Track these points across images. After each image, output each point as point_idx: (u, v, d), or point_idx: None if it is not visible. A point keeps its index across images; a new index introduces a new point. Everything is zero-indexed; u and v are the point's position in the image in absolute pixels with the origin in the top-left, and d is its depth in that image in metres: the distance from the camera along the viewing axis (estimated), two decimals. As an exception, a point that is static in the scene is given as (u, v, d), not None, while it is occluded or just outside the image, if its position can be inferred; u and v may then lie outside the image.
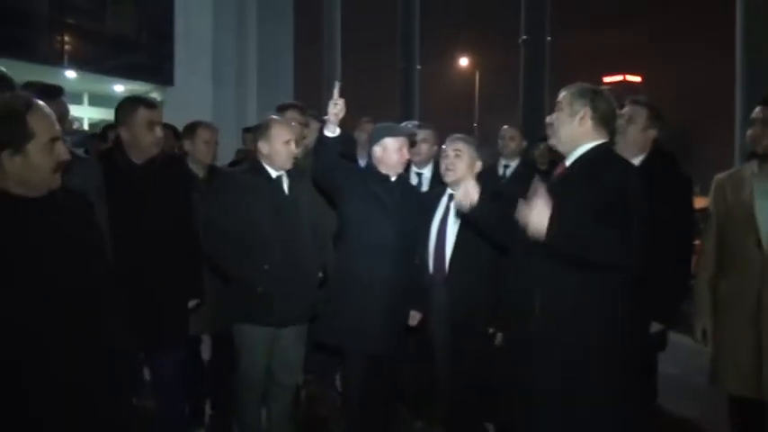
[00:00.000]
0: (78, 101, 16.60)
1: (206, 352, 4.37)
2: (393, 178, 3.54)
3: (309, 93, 18.31)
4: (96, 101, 17.90)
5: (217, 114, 13.53)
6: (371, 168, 3.57)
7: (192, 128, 4.21)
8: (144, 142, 3.29)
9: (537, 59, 14.63)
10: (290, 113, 4.08)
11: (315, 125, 4.07)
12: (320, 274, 3.67)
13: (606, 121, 2.63)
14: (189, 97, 15.50)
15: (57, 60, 15.47)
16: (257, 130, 3.56)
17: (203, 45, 16.37)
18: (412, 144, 3.70)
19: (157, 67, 17.45)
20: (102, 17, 17.11)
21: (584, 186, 2.47)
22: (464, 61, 37.61)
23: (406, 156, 3.55)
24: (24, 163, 1.86)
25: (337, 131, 3.34)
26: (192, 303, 3.53)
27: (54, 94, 2.90)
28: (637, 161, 3.37)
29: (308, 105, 4.51)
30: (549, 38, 14.70)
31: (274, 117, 3.59)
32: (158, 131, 3.34)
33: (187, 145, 4.19)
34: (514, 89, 15.40)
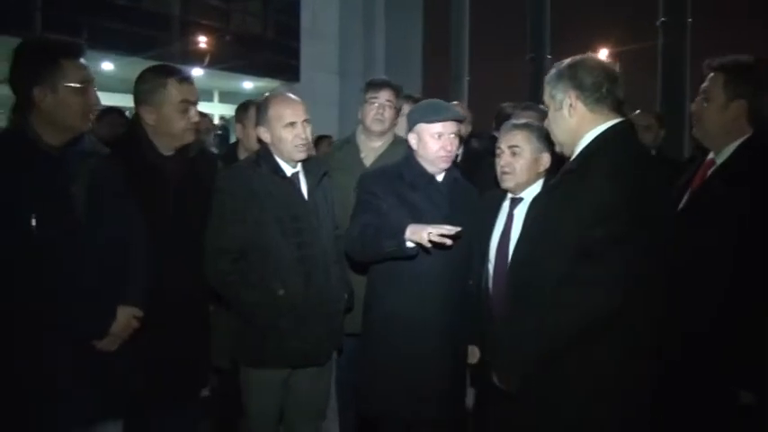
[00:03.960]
0: (209, 98, 17.09)
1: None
2: (439, 177, 2.69)
3: (438, 86, 17.80)
4: (225, 98, 18.49)
5: (344, 109, 13.31)
6: (409, 166, 2.68)
7: (244, 108, 3.43)
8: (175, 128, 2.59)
9: (677, 43, 13.26)
10: (384, 93, 3.27)
11: (407, 109, 3.23)
12: (345, 296, 2.87)
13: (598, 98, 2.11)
14: (315, 93, 15.42)
15: (186, 59, 15.97)
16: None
17: (329, 40, 16.22)
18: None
19: (284, 64, 17.69)
20: (227, 16, 17.61)
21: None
22: (604, 52, 35.67)
23: (453, 145, 2.63)
24: None
25: (411, 251, 2.42)
26: None
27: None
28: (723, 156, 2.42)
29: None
30: (689, 19, 13.34)
31: (276, 93, 2.75)
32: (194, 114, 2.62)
33: (238, 130, 3.47)
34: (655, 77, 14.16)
